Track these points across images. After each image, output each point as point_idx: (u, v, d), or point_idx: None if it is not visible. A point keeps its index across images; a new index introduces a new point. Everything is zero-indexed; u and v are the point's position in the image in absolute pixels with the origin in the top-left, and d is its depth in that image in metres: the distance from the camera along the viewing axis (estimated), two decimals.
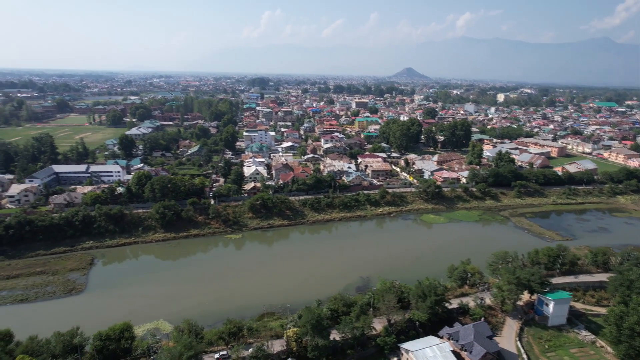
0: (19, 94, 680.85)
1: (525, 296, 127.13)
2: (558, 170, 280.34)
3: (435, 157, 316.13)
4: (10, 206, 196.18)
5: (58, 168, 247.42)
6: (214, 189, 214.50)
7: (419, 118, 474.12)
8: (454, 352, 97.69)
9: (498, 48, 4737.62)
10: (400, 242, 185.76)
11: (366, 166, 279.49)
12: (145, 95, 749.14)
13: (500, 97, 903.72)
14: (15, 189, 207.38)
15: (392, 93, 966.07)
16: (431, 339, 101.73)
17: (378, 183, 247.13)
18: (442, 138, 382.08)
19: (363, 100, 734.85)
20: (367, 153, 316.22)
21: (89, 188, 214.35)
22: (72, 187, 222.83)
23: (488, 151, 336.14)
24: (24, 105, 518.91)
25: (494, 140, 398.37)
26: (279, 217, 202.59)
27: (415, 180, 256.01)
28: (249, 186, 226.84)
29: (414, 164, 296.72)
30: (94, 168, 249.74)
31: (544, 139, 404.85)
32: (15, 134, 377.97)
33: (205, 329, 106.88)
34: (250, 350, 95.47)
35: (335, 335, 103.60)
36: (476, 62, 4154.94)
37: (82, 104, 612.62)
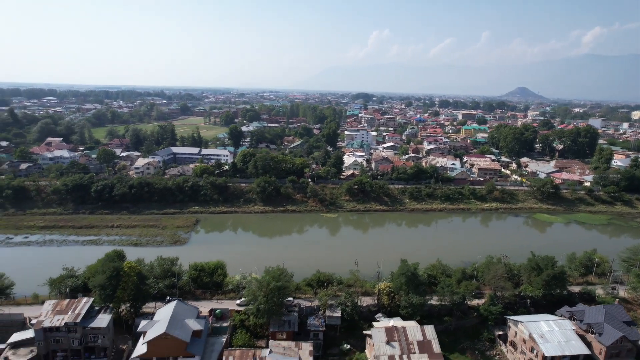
0: (152, 100, 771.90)
1: None
2: None
3: (553, 163, 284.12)
4: (135, 176, 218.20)
5: (176, 149, 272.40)
6: (311, 162, 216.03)
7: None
8: (576, 333, 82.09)
9: (634, 65, 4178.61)
10: (509, 235, 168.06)
11: (472, 165, 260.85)
12: (256, 105, 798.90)
13: (636, 115, 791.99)
14: (140, 162, 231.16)
15: (503, 109, 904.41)
16: (546, 316, 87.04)
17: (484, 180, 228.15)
18: (560, 147, 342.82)
19: (471, 112, 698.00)
20: (474, 153, 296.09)
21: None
22: (186, 165, 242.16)
23: (619, 160, 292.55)
24: (155, 107, 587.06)
25: (627, 152, 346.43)
26: (376, 203, 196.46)
27: (527, 182, 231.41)
28: (347, 173, 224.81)
29: (526, 166, 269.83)
30: (205, 151, 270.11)
31: None
32: (145, 129, 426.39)
33: None
34: (338, 299, 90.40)
35: (432, 301, 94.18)
36: (604, 81, 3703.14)
37: (200, 108, 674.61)
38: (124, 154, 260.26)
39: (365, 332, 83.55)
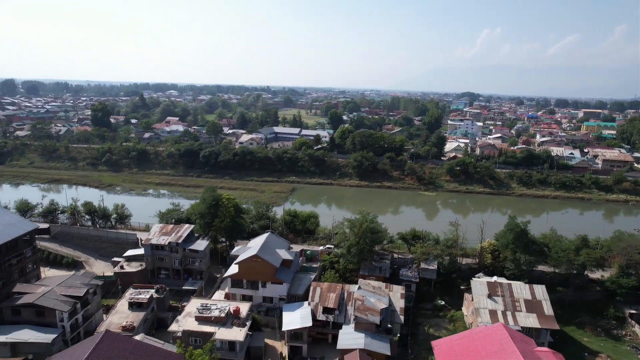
0: (258, 93, 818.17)
1: None
2: None
3: None
4: None
5: (277, 129, 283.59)
6: (411, 151, 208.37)
7: None
8: None
9: None
10: None
11: (596, 156, 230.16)
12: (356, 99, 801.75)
13: None
14: (245, 138, 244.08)
15: (638, 109, 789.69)
16: None
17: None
18: None
19: (595, 111, 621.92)
20: (598, 145, 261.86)
21: None
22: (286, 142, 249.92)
23: None
24: (260, 97, 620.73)
25: None
26: (479, 185, 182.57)
27: None
28: (449, 155, 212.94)
29: None
30: (305, 132, 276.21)
31: None
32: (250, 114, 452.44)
33: None
34: (435, 252, 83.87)
35: (543, 268, 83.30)
36: None
37: (302, 101, 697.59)
38: (230, 131, 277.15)
39: (462, 287, 76.18)
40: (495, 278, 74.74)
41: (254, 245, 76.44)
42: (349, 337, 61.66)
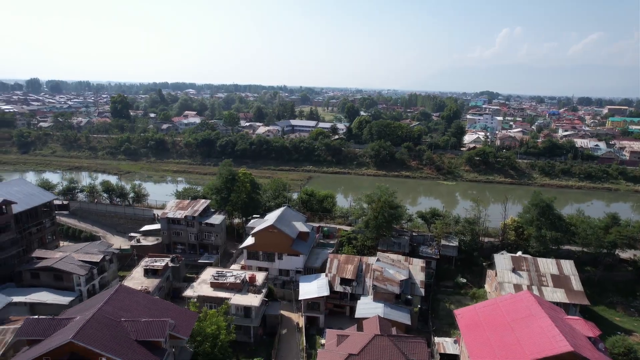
0: (274, 91, 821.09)
1: None
2: None
3: None
4: None
5: (294, 122, 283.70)
6: (428, 140, 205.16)
7: None
8: None
9: None
10: None
11: (623, 148, 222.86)
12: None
13: None
14: (261, 130, 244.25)
15: None
16: None
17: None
18: None
19: (620, 107, 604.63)
20: (625, 138, 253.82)
21: None
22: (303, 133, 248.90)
23: None
24: (277, 95, 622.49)
25: None
26: (500, 175, 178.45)
27: None
28: (468, 146, 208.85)
29: None
30: (321, 124, 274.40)
31: None
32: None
33: None
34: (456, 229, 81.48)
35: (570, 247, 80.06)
36: None
37: (319, 98, 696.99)
38: (247, 124, 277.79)
39: (485, 263, 73.52)
40: (519, 253, 71.99)
41: (271, 218, 75.31)
42: (368, 307, 59.89)
